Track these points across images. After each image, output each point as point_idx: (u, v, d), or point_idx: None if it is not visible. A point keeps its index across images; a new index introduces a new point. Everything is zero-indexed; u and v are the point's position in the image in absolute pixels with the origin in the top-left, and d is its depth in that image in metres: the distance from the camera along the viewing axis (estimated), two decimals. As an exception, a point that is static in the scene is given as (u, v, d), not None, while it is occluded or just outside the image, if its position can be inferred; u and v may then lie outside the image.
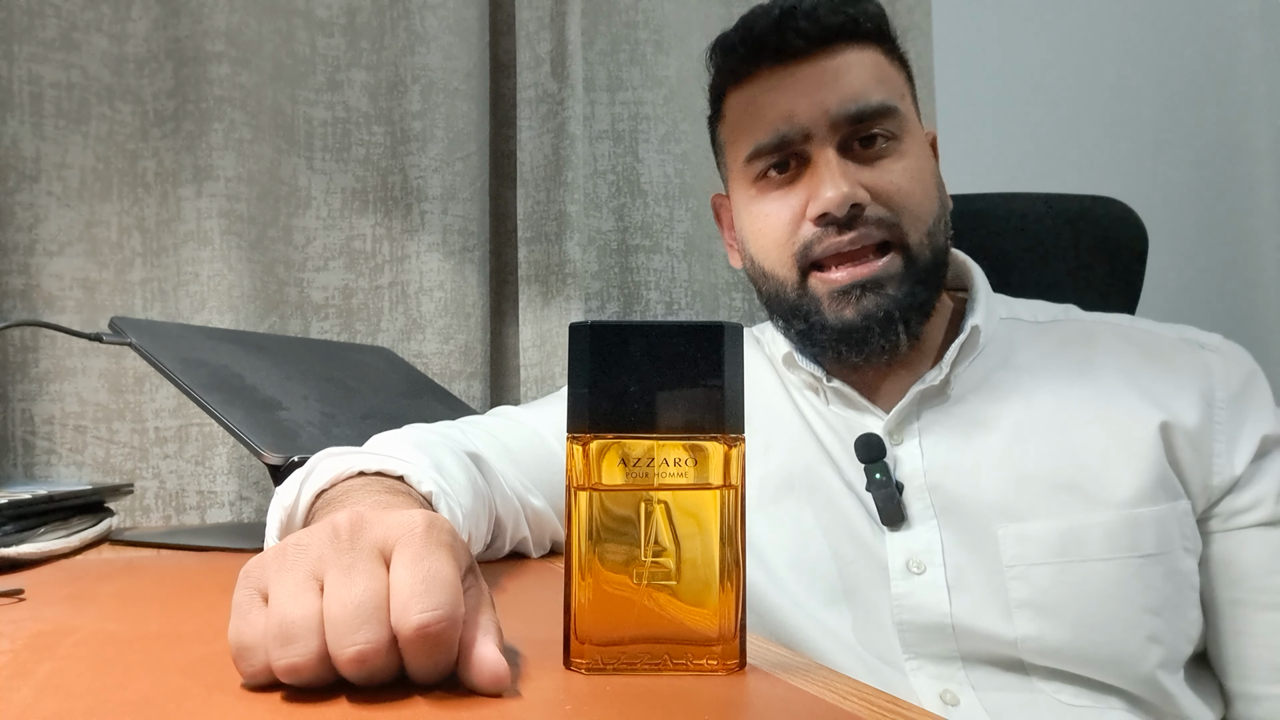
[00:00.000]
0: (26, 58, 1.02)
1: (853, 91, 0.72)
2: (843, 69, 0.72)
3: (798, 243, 0.73)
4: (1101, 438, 0.70)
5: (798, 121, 0.72)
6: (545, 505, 0.73)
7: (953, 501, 0.71)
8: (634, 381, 0.39)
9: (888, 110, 0.72)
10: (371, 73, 1.18)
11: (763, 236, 0.76)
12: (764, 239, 0.75)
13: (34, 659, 0.42)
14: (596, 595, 0.39)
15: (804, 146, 0.72)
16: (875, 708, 0.36)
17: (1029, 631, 0.67)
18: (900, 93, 0.75)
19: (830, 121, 0.71)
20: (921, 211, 0.73)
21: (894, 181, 0.72)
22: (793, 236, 0.73)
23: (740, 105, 0.77)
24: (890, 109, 0.73)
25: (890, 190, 0.71)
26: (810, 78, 0.72)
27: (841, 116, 0.71)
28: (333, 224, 1.16)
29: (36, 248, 1.02)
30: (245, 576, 0.37)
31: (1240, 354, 0.74)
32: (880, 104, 0.72)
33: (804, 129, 0.72)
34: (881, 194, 0.71)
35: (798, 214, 0.73)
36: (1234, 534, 0.70)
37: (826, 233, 0.71)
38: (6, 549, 0.68)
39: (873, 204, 0.71)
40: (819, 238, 0.72)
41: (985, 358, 0.76)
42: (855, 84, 0.72)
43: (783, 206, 0.74)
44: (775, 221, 0.74)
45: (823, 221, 0.71)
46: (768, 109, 0.73)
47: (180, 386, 0.77)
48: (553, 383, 1.18)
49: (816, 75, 0.72)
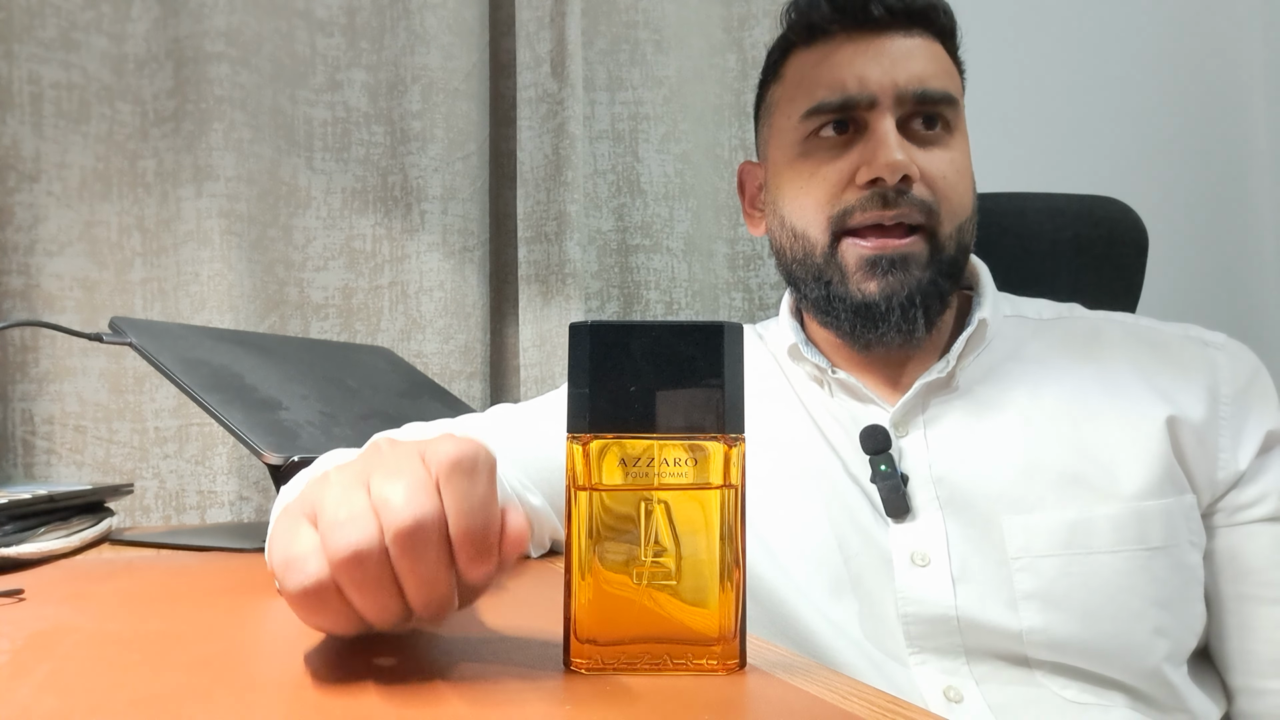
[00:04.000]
0: (26, 58, 1.02)
1: (923, 72, 0.73)
2: (916, 50, 0.74)
3: (839, 206, 0.73)
4: (1109, 430, 0.70)
5: (868, 87, 0.72)
6: (544, 504, 0.73)
7: (958, 493, 0.71)
8: (634, 381, 0.39)
9: (950, 99, 0.74)
10: (371, 73, 1.18)
11: (804, 195, 0.75)
12: (805, 197, 0.75)
13: (34, 659, 0.42)
14: (596, 595, 0.39)
15: (865, 114, 0.73)
16: (876, 708, 0.36)
17: (1035, 624, 0.67)
18: (959, 90, 0.77)
19: (897, 94, 0.72)
20: (959, 206, 0.73)
21: (941, 169, 0.73)
22: (835, 199, 0.73)
23: (808, 63, 0.77)
24: (952, 99, 0.74)
25: (937, 175, 0.72)
26: (886, 49, 0.73)
27: (909, 93, 0.72)
28: (333, 224, 1.16)
29: (36, 248, 1.02)
30: (285, 513, 0.38)
31: (1245, 352, 0.75)
32: (945, 92, 0.73)
33: (871, 95, 0.72)
34: (929, 176, 0.72)
35: (845, 177, 0.73)
36: (1239, 529, 0.70)
37: (871, 201, 0.71)
38: (6, 549, 0.68)
39: (919, 183, 0.71)
40: (862, 205, 0.72)
41: (991, 351, 0.76)
42: (927, 67, 0.73)
43: (831, 169, 0.74)
44: (820, 181, 0.74)
45: (872, 188, 0.71)
46: (840, 68, 0.74)
47: (180, 386, 0.77)
48: (553, 383, 1.18)
49: (892, 48, 0.73)
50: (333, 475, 0.38)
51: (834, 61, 0.74)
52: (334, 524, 0.35)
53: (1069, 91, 1.67)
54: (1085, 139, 1.67)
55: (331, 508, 0.35)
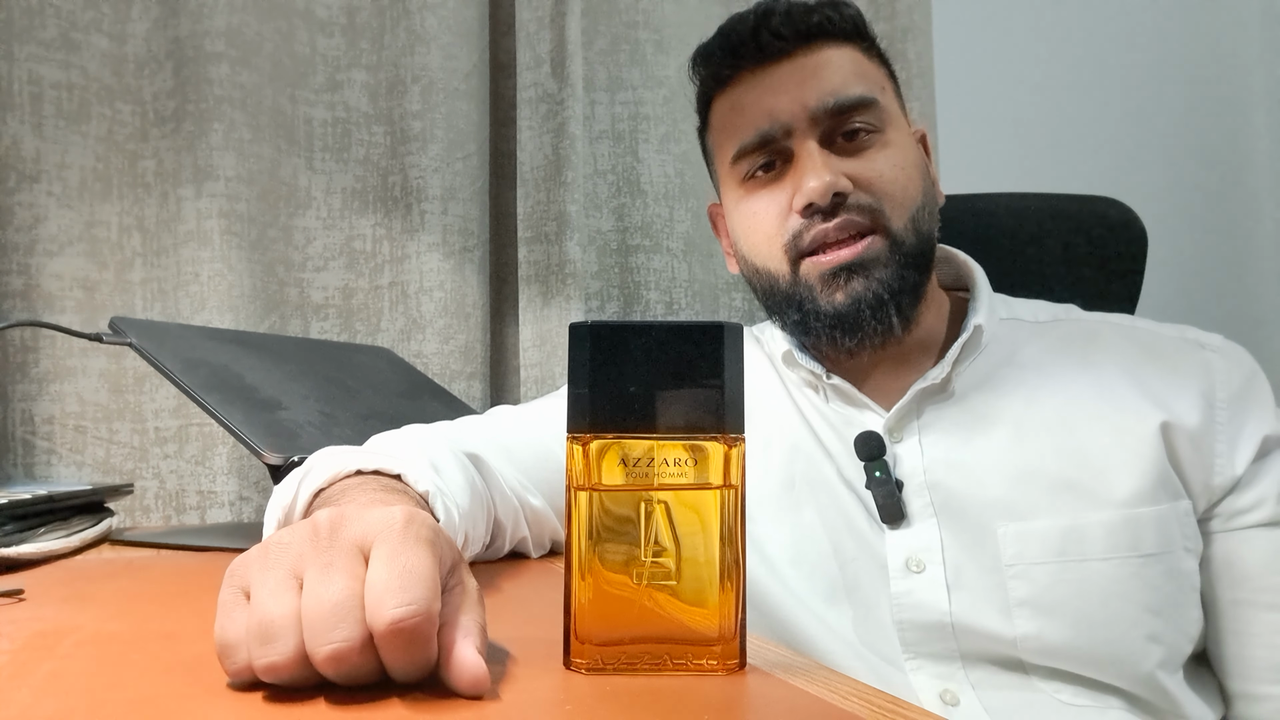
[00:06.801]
0: (26, 58, 1.02)
1: (831, 86, 0.73)
2: (821, 65, 0.74)
3: (787, 234, 0.74)
4: (1103, 437, 0.70)
5: (779, 118, 0.73)
6: (544, 505, 0.73)
7: (953, 500, 0.71)
8: (634, 381, 0.39)
9: (867, 103, 0.74)
10: (371, 73, 1.18)
11: (753, 233, 0.77)
12: (755, 235, 0.77)
13: (34, 659, 0.42)
14: (596, 595, 0.39)
15: (786, 143, 0.74)
16: (875, 708, 0.36)
17: (1028, 630, 0.67)
18: (880, 86, 0.77)
19: (810, 115, 0.73)
20: (905, 198, 0.74)
21: (876, 169, 0.73)
22: (781, 229, 0.74)
23: (724, 109, 0.78)
24: (869, 101, 0.74)
25: (872, 178, 0.73)
26: (789, 75, 0.74)
27: (821, 110, 0.73)
28: (333, 224, 1.16)
29: (36, 248, 1.02)
30: (230, 575, 0.37)
31: (1241, 354, 0.74)
32: (859, 97, 0.73)
33: (785, 125, 0.73)
34: (863, 182, 0.72)
35: (784, 208, 0.74)
36: (1235, 534, 0.70)
37: (813, 222, 0.72)
38: (6, 549, 0.68)
39: (855, 191, 0.72)
40: (806, 227, 0.73)
41: (987, 356, 0.76)
42: (834, 79, 0.74)
43: (770, 203, 0.75)
44: (764, 217, 0.75)
45: (808, 212, 0.72)
46: (750, 108, 0.75)
47: (180, 386, 0.77)
48: (553, 383, 1.18)
49: (795, 73, 0.74)
50: (271, 554, 0.37)
51: (744, 103, 0.76)
52: (257, 634, 0.34)
53: (1068, 91, 1.67)
54: (1085, 139, 1.67)
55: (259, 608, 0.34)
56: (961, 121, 1.49)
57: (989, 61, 1.62)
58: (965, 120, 1.51)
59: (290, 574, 0.35)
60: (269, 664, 0.34)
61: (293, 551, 0.36)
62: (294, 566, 0.36)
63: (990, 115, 1.61)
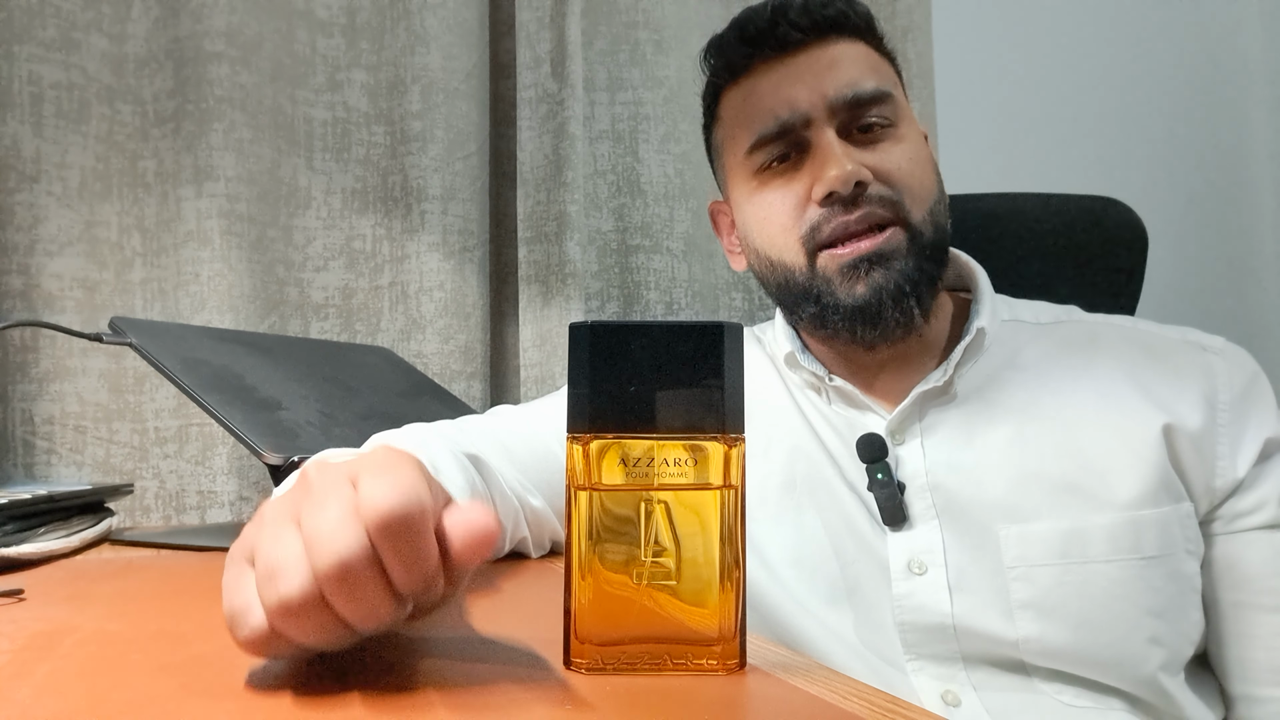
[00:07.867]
0: (26, 58, 1.02)
1: (849, 78, 0.73)
2: (837, 58, 0.74)
3: (805, 225, 0.73)
4: (1105, 439, 0.70)
5: (798, 107, 0.73)
6: (544, 505, 0.73)
7: (954, 502, 0.71)
8: (634, 381, 0.39)
9: (883, 96, 0.74)
10: (371, 73, 1.18)
11: (769, 224, 0.76)
12: (770, 226, 0.76)
13: (34, 659, 0.42)
14: (596, 595, 0.39)
15: (804, 133, 0.73)
16: (875, 708, 0.36)
17: (1030, 633, 0.67)
18: (893, 82, 0.77)
19: (829, 106, 0.73)
20: (922, 191, 0.74)
21: (894, 161, 0.73)
22: (799, 220, 0.73)
23: (738, 100, 0.78)
24: (885, 94, 0.74)
25: (891, 169, 0.72)
26: (807, 66, 0.74)
27: (839, 101, 0.73)
28: (333, 224, 1.16)
29: (36, 248, 1.02)
30: (231, 560, 0.37)
31: (1243, 356, 0.74)
32: (875, 89, 0.73)
33: (804, 114, 0.73)
34: (883, 173, 0.72)
35: (802, 198, 0.73)
36: (1237, 537, 0.70)
37: (833, 212, 0.71)
38: (6, 549, 0.68)
39: (875, 183, 0.72)
40: (826, 218, 0.72)
41: (988, 358, 0.75)
42: (851, 71, 0.74)
43: (786, 194, 0.74)
44: (780, 208, 0.74)
45: (828, 201, 0.71)
46: (767, 98, 0.75)
47: (180, 386, 0.77)
48: (553, 383, 1.18)
49: (812, 64, 0.74)
50: (267, 514, 0.37)
51: (761, 92, 0.75)
52: (265, 576, 0.34)
53: (1068, 91, 1.67)
54: (1085, 139, 1.67)
55: (264, 554, 0.35)
56: (961, 121, 1.49)
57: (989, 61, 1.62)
58: (965, 120, 1.51)
59: (288, 519, 0.36)
60: (280, 600, 0.33)
61: (286, 502, 0.37)
62: (290, 513, 0.36)
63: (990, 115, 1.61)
